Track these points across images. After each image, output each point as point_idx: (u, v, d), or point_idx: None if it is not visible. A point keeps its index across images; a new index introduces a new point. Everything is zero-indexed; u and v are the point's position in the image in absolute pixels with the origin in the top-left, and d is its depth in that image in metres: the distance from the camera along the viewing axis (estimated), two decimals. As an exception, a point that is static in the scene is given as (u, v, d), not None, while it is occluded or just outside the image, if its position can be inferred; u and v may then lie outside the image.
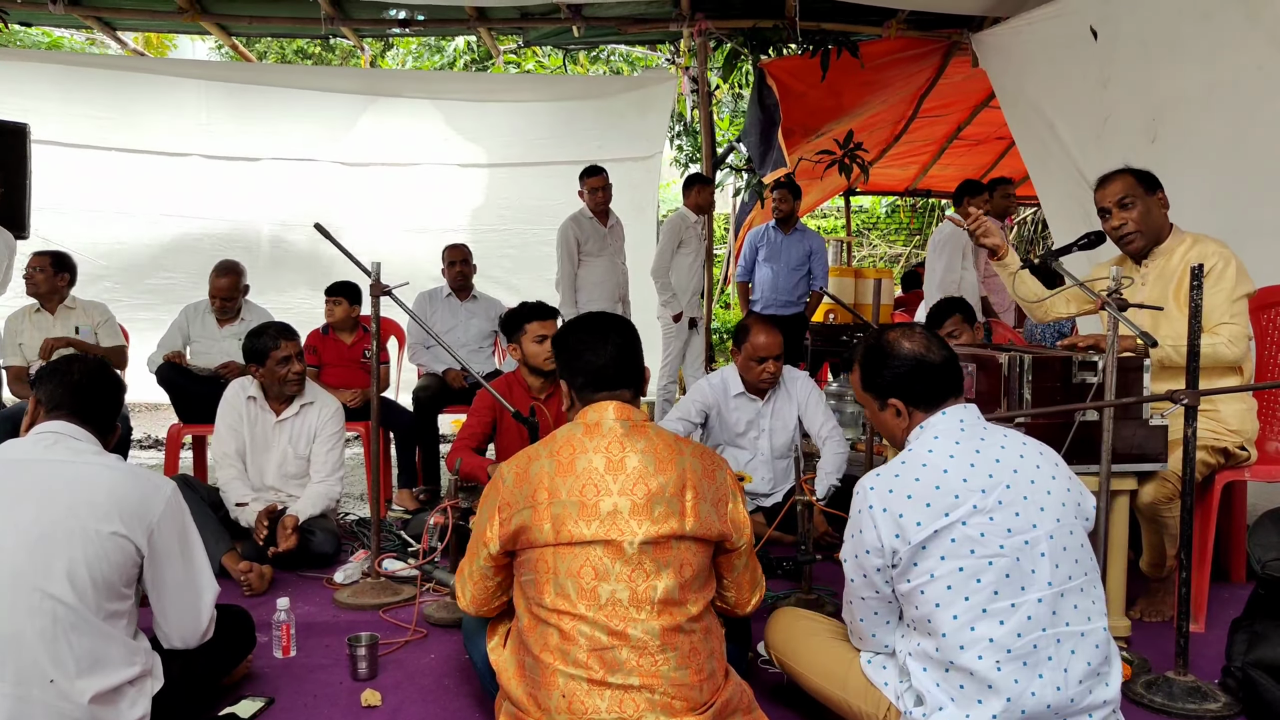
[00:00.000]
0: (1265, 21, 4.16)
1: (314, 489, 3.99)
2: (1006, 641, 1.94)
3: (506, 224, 7.85)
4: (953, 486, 2.01)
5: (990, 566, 1.96)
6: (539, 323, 3.99)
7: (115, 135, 7.45)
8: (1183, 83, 4.68)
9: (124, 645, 2.13)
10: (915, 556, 2.00)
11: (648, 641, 2.03)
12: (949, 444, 2.08)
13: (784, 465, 4.26)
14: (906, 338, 2.18)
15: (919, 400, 2.16)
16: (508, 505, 2.15)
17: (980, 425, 2.13)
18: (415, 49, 12.08)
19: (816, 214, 15.10)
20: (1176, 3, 4.64)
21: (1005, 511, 1.99)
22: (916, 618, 2.03)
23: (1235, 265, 3.18)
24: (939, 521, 1.98)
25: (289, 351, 3.95)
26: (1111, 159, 5.17)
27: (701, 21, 7.00)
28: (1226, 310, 3.13)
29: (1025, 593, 1.96)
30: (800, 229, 6.94)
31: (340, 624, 3.27)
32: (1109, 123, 5.27)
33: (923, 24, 6.93)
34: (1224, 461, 3.24)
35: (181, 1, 6.99)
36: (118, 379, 2.43)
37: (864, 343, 2.28)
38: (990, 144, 9.57)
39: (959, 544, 1.97)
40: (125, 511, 2.13)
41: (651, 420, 2.26)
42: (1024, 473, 2.04)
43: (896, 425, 2.21)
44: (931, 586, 1.98)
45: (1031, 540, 1.98)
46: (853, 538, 2.13)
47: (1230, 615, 2.73)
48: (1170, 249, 3.31)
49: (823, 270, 6.95)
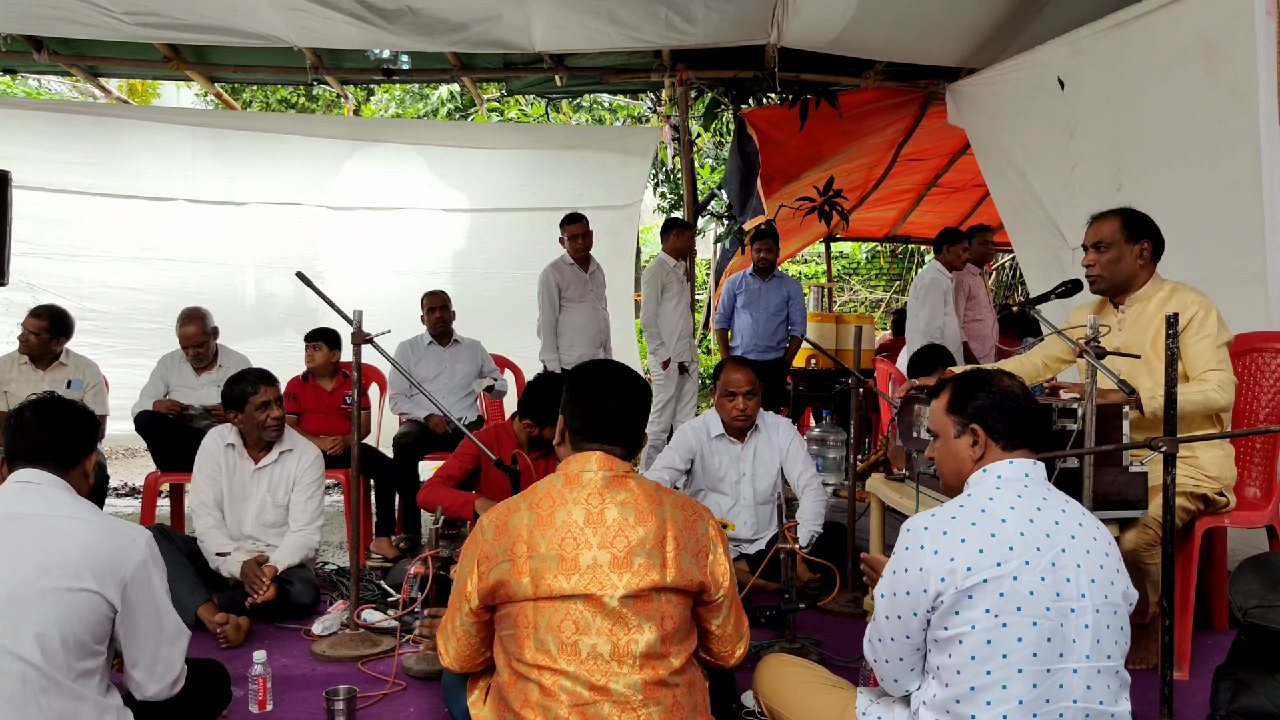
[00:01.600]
0: (1224, 78, 4.27)
1: (293, 538, 3.94)
2: (1034, 706, 1.90)
3: (489, 268, 7.87)
4: (1009, 538, 1.96)
5: (1034, 628, 1.91)
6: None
7: (100, 180, 7.43)
8: (1145, 134, 4.79)
9: (95, 705, 2.09)
10: (959, 603, 1.94)
11: (630, 696, 2.01)
12: (1010, 495, 2.04)
13: (766, 511, 4.25)
14: (1009, 378, 2.21)
15: (999, 435, 2.13)
16: (487, 559, 2.12)
17: (1044, 485, 2.10)
18: (399, 96, 12.18)
19: (798, 260, 15.23)
20: (1139, 57, 4.75)
21: (1057, 575, 1.95)
22: (945, 665, 1.98)
23: (1215, 315, 3.21)
24: (990, 571, 1.93)
25: (268, 397, 3.92)
26: (1079, 207, 5.28)
27: (682, 72, 7.10)
28: (1213, 357, 3.16)
29: (1063, 660, 1.92)
30: (778, 275, 7.01)
31: (318, 676, 3.22)
32: (1076, 171, 5.38)
33: (900, 75, 7.05)
34: (1204, 508, 3.26)
35: (166, 50, 7.02)
36: (73, 407, 2.35)
37: (965, 372, 2.30)
38: (968, 191, 9.71)
39: (1007, 598, 1.92)
40: (98, 567, 2.09)
41: (637, 468, 2.24)
42: (1080, 542, 2.00)
43: (967, 456, 2.16)
44: (971, 637, 1.93)
45: (1078, 610, 1.94)
46: (893, 574, 2.06)
47: (1214, 662, 2.72)
48: (1148, 295, 3.34)
49: (801, 315, 7.00)
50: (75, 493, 2.24)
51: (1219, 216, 4.28)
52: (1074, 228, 5.34)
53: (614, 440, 2.21)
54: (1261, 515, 3.39)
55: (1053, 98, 5.40)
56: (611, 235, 7.49)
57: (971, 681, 1.93)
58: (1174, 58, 4.52)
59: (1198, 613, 3.39)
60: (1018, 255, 6.41)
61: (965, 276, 6.64)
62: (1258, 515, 3.39)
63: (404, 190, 7.96)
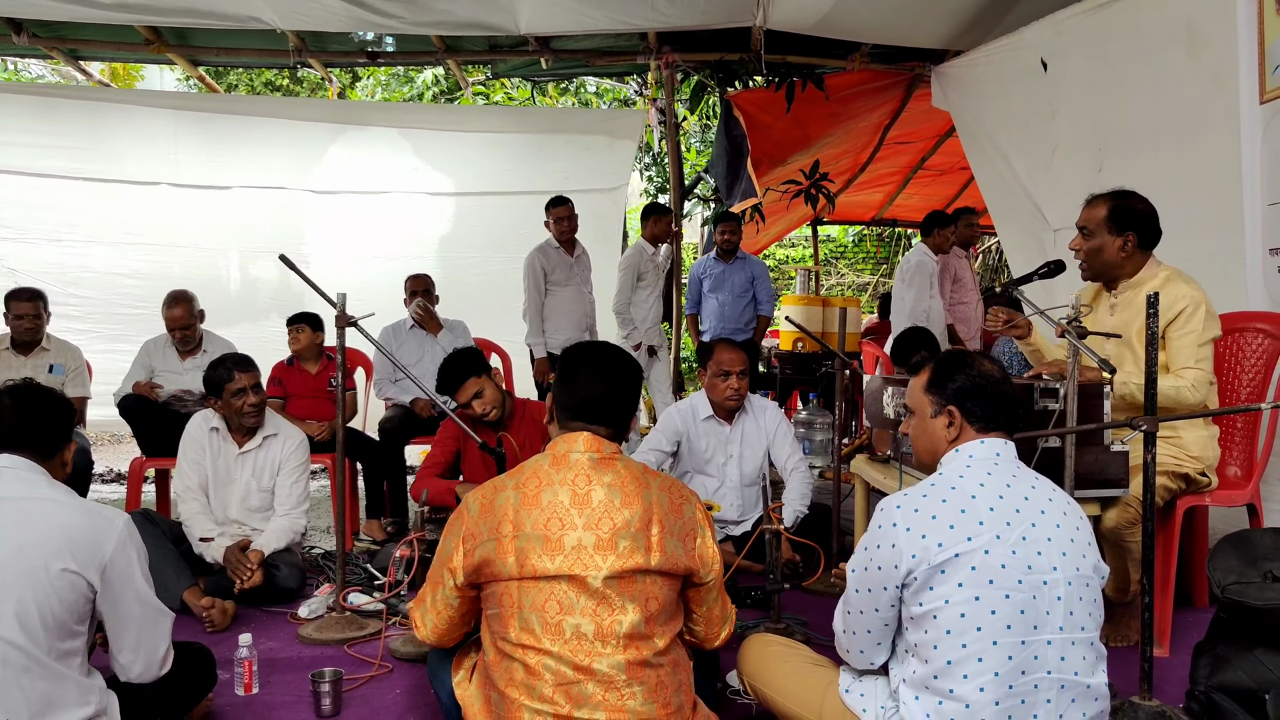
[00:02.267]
0: (1205, 61, 4.29)
1: (278, 522, 3.94)
2: (1010, 678, 1.92)
3: (475, 253, 7.85)
4: (979, 514, 1.99)
5: (1007, 600, 1.94)
6: (473, 379, 3.96)
7: (82, 164, 7.37)
8: (1127, 116, 4.81)
9: (78, 685, 2.09)
10: (932, 579, 1.97)
11: (614, 676, 2.02)
12: (980, 473, 2.07)
13: (753, 493, 4.26)
14: (986, 362, 2.21)
15: (975, 418, 2.15)
16: (472, 536, 2.12)
17: (1014, 463, 2.12)
18: (384, 80, 12.10)
19: (785, 243, 15.22)
20: (1122, 39, 4.77)
21: (1028, 548, 1.97)
22: (921, 641, 2.00)
23: (1205, 309, 3.21)
24: (962, 545, 1.96)
25: (243, 383, 3.89)
26: (1060, 188, 5.31)
27: (668, 54, 7.07)
28: (1193, 355, 3.18)
29: (1038, 632, 1.95)
30: (741, 256, 7.03)
31: (304, 660, 3.22)
32: (1057, 153, 5.39)
33: (886, 57, 7.04)
34: (1185, 487, 3.28)
35: (148, 33, 6.96)
36: (50, 394, 2.34)
37: (946, 353, 2.30)
38: (954, 174, 9.72)
39: (979, 572, 1.94)
40: (77, 547, 2.09)
41: (621, 450, 2.25)
42: (1050, 517, 2.03)
43: (942, 436, 2.19)
44: (945, 612, 1.95)
45: (1050, 582, 1.97)
46: (865, 550, 2.09)
47: (1194, 639, 2.75)
48: (1141, 282, 3.33)
49: (767, 295, 7.04)
50: (52, 478, 2.24)
51: (1198, 198, 4.31)
52: (1055, 209, 5.37)
53: (601, 420, 2.21)
54: (1242, 494, 3.42)
55: (1035, 79, 5.41)
56: (598, 219, 7.48)
57: (948, 656, 1.95)
58: (1156, 39, 4.53)
59: (1178, 591, 3.41)
60: (1000, 237, 6.44)
61: (951, 259, 6.65)
62: (1238, 494, 3.42)
63: (389, 174, 7.93)
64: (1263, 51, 3.87)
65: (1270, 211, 3.88)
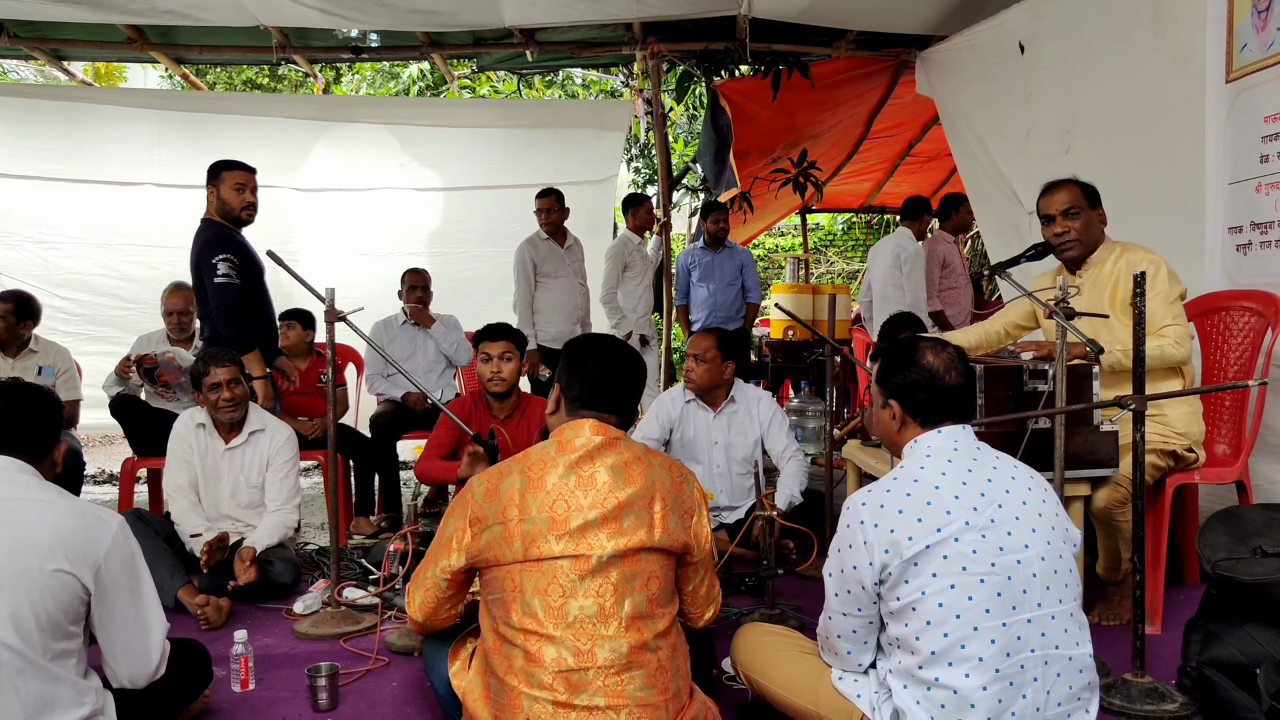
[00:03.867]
0: (1169, 40, 4.31)
1: (270, 518, 3.93)
2: (995, 661, 1.93)
3: (464, 247, 7.83)
4: (945, 503, 2.00)
5: (983, 584, 1.95)
6: (487, 342, 4.02)
7: (64, 166, 7.33)
8: (1096, 97, 4.83)
9: (73, 686, 2.08)
10: (906, 573, 1.98)
11: (615, 661, 2.03)
12: (941, 462, 2.08)
13: (744, 481, 4.27)
14: (932, 351, 2.18)
15: (917, 413, 2.16)
16: (478, 520, 2.14)
17: (973, 447, 2.13)
18: (369, 76, 12.05)
19: (774, 231, 15.24)
20: (1097, 20, 4.78)
21: (998, 530, 1.99)
22: (904, 635, 2.01)
23: (1165, 269, 3.28)
24: (931, 537, 1.97)
25: (219, 378, 3.86)
26: (1034, 171, 5.34)
27: (654, 45, 7.06)
28: (1167, 312, 3.22)
29: (1017, 612, 1.96)
30: (729, 245, 7.03)
31: (300, 655, 3.22)
32: (1031, 135, 5.41)
33: (871, 44, 7.04)
34: (1173, 465, 3.30)
35: (130, 31, 6.92)
36: (39, 393, 2.30)
37: (896, 342, 2.29)
38: (941, 160, 9.72)
39: (951, 560, 1.96)
40: (70, 549, 2.07)
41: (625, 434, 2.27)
42: (1015, 495, 2.05)
43: (889, 427, 2.22)
44: (923, 604, 1.97)
45: (1024, 560, 1.98)
46: (839, 553, 2.11)
47: (1185, 616, 2.77)
48: (1101, 259, 3.41)
49: (755, 283, 7.06)
50: (43, 478, 2.21)
51: (1161, 177, 4.34)
52: (1029, 192, 5.39)
53: (610, 409, 2.24)
54: (1230, 471, 3.44)
55: (1013, 63, 5.43)
56: (588, 211, 7.46)
57: (931, 646, 1.97)
58: (1126, 20, 4.55)
59: (1169, 568, 3.44)
60: (978, 221, 6.46)
61: (940, 245, 6.68)
62: (1227, 471, 3.45)
63: (376, 171, 7.89)
64: (1231, 30, 3.89)
65: (1231, 190, 3.91)
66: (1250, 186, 3.80)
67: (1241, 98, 3.84)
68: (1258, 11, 3.74)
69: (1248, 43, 3.79)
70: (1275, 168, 3.68)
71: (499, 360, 4.00)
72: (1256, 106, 3.76)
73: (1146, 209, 4.26)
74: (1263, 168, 3.73)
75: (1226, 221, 3.94)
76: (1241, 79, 3.84)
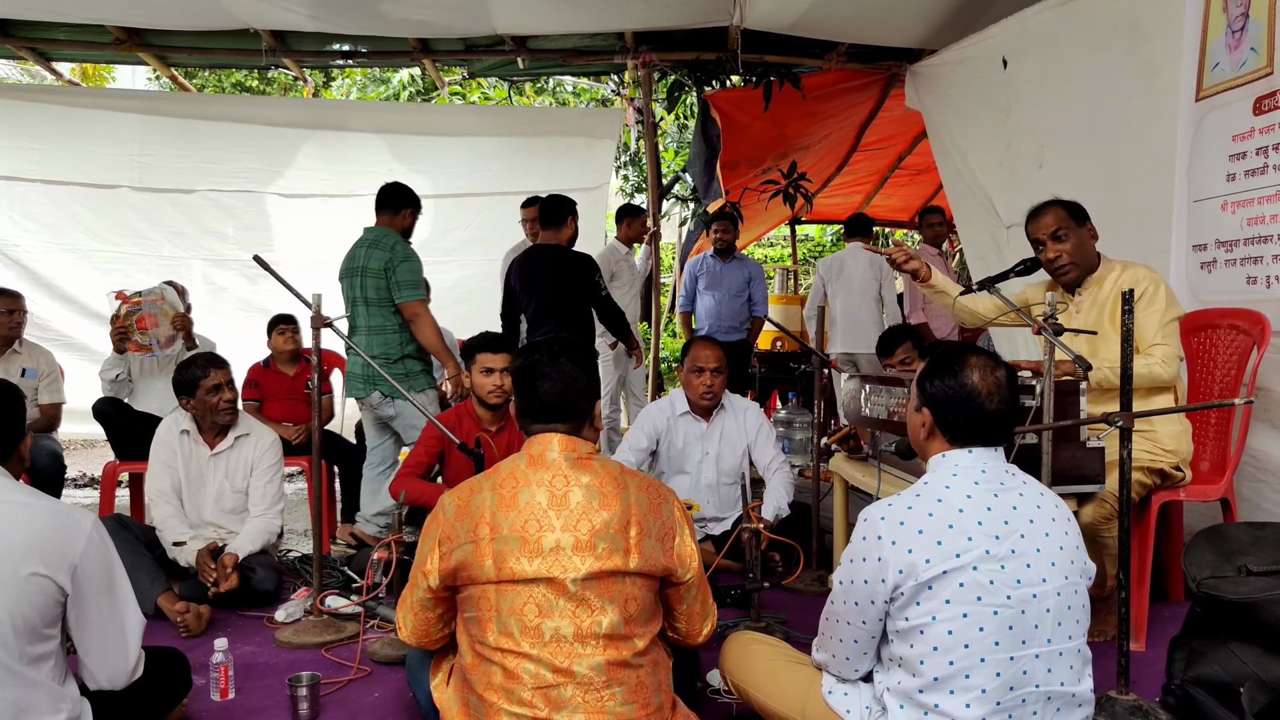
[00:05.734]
0: (1139, 56, 4.33)
1: (253, 524, 3.90)
2: (998, 694, 1.91)
3: (454, 255, 7.79)
4: (967, 528, 1.96)
5: (995, 616, 1.92)
6: (488, 354, 3.95)
7: (39, 167, 7.23)
8: (1070, 113, 4.85)
9: (49, 692, 2.05)
10: (919, 595, 1.94)
11: (593, 677, 2.01)
12: (967, 484, 2.02)
13: (731, 492, 4.26)
14: (978, 369, 2.07)
15: (948, 429, 2.09)
16: (448, 539, 2.11)
17: (1002, 471, 2.07)
18: (360, 81, 12.03)
19: (763, 243, 15.25)
20: (1075, 36, 4.80)
21: (1017, 562, 1.95)
22: (908, 655, 1.98)
23: (1165, 289, 3.29)
24: (949, 562, 1.93)
25: (218, 380, 3.86)
26: (1011, 185, 5.36)
27: (645, 54, 7.06)
28: (1159, 332, 3.23)
29: (1026, 647, 1.93)
30: (739, 257, 7.06)
31: (281, 664, 3.19)
32: (1009, 150, 5.43)
33: (863, 57, 7.06)
34: (1160, 482, 3.31)
35: (118, 32, 6.86)
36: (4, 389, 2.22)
37: (950, 346, 2.20)
38: (930, 174, 9.73)
39: (967, 589, 1.92)
40: (45, 550, 2.02)
41: (598, 450, 2.24)
42: (1039, 525, 2.00)
43: (918, 432, 2.17)
44: (933, 629, 1.93)
45: (1039, 594, 1.95)
46: (850, 563, 2.05)
47: (1170, 633, 2.76)
48: (1101, 277, 3.41)
49: (762, 296, 7.06)
50: (12, 477, 2.16)
51: (1129, 193, 4.36)
52: (1007, 206, 5.44)
53: (558, 419, 2.21)
54: (1215, 489, 3.45)
55: (996, 77, 5.46)
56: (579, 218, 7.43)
57: (935, 672, 1.94)
58: (1103, 36, 4.57)
59: (1155, 585, 3.45)
60: (960, 234, 6.48)
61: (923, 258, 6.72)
62: (1212, 489, 3.45)
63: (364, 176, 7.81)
64: (1204, 49, 3.90)
65: (1196, 208, 3.93)
66: (1216, 204, 3.80)
67: (1211, 116, 3.85)
68: (1231, 31, 3.76)
69: (1220, 61, 3.81)
70: (1241, 186, 3.68)
71: (501, 374, 3.94)
72: (1226, 125, 3.76)
73: (1113, 224, 4.26)
74: (1229, 186, 3.73)
75: (1192, 239, 3.95)
76: (1212, 97, 3.85)
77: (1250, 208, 3.63)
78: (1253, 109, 3.62)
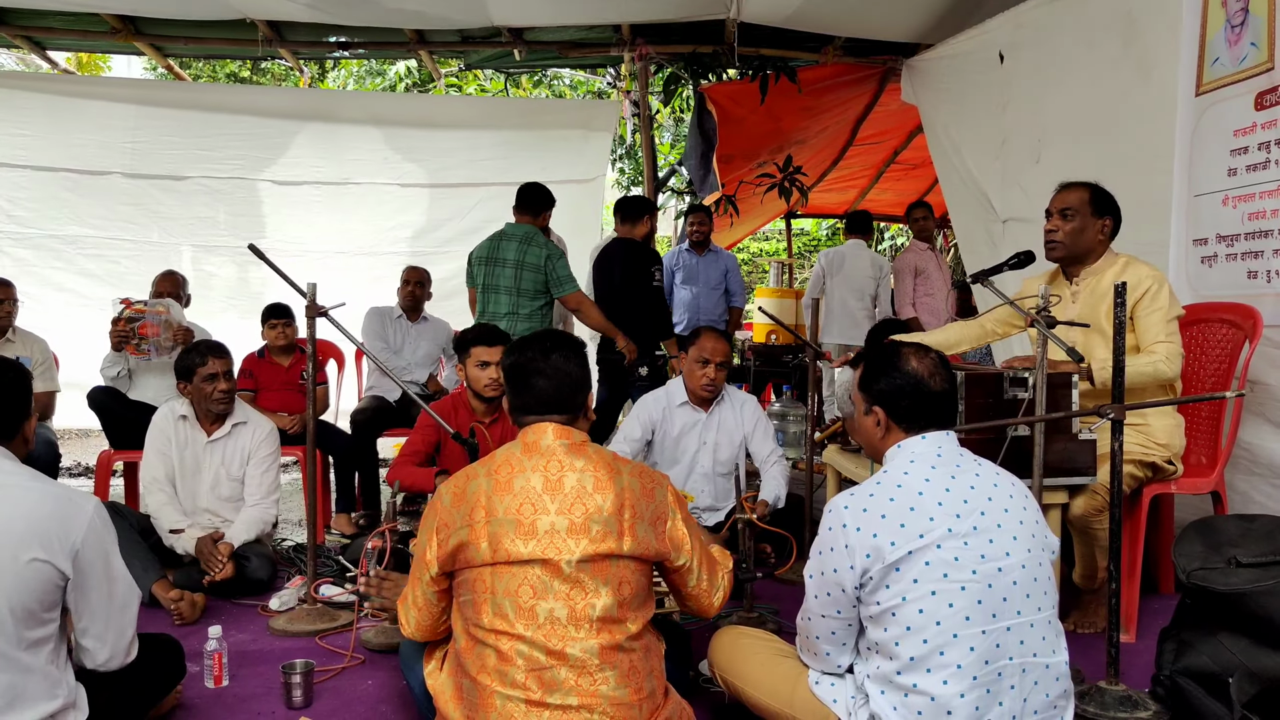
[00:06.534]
0: (1134, 51, 4.34)
1: (249, 512, 3.90)
2: (974, 668, 1.94)
3: (448, 245, 7.78)
4: (927, 509, 2.00)
5: (963, 592, 1.95)
6: (484, 348, 3.95)
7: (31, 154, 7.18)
8: (1066, 107, 4.86)
9: (45, 677, 2.05)
10: (887, 578, 1.98)
11: (587, 660, 2.02)
12: (925, 468, 2.07)
13: (726, 483, 4.27)
14: (916, 357, 2.16)
15: (901, 419, 2.14)
16: (445, 526, 2.13)
17: (956, 454, 2.13)
18: (356, 72, 12.00)
19: (758, 236, 15.28)
20: (1071, 30, 4.82)
21: (980, 538, 1.99)
22: (883, 640, 2.01)
23: (1168, 287, 3.29)
24: (914, 543, 1.96)
25: (216, 369, 3.86)
26: (1007, 180, 5.37)
27: (642, 46, 7.06)
28: (1163, 330, 3.23)
29: (997, 620, 1.96)
30: (713, 249, 7.05)
31: (275, 651, 3.20)
32: (1005, 144, 5.44)
33: (859, 51, 7.07)
34: (1152, 475, 3.33)
35: (114, 21, 6.84)
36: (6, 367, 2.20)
37: (876, 346, 2.26)
38: (925, 168, 9.72)
39: (933, 567, 1.95)
40: (45, 536, 2.02)
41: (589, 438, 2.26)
42: (998, 502, 2.05)
43: (873, 434, 2.21)
44: (903, 609, 1.96)
45: (1005, 568, 1.98)
46: (819, 555, 2.10)
47: (1160, 625, 2.78)
48: (1101, 270, 3.40)
49: (739, 287, 7.08)
50: (16, 459, 2.16)
51: (1126, 188, 4.32)
52: (1003, 200, 5.44)
53: (552, 411, 2.22)
54: (1206, 481, 3.47)
55: (993, 72, 5.47)
56: (574, 211, 7.43)
57: (911, 652, 1.97)
58: (1099, 31, 4.58)
59: (1145, 577, 3.46)
60: (955, 229, 6.49)
61: (913, 254, 6.77)
62: (1203, 481, 3.47)
63: (359, 165, 7.82)
64: (1203, 44, 3.91)
65: (1196, 202, 3.94)
66: (1217, 199, 3.82)
67: (1211, 110, 3.87)
68: (1231, 26, 3.77)
69: (1219, 56, 3.82)
70: (1243, 181, 3.70)
71: (496, 367, 3.94)
72: (1226, 120, 3.78)
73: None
74: (1230, 180, 3.75)
75: (1191, 233, 3.96)
76: (1212, 92, 3.86)
77: (1251, 202, 3.65)
78: (1254, 104, 3.64)
